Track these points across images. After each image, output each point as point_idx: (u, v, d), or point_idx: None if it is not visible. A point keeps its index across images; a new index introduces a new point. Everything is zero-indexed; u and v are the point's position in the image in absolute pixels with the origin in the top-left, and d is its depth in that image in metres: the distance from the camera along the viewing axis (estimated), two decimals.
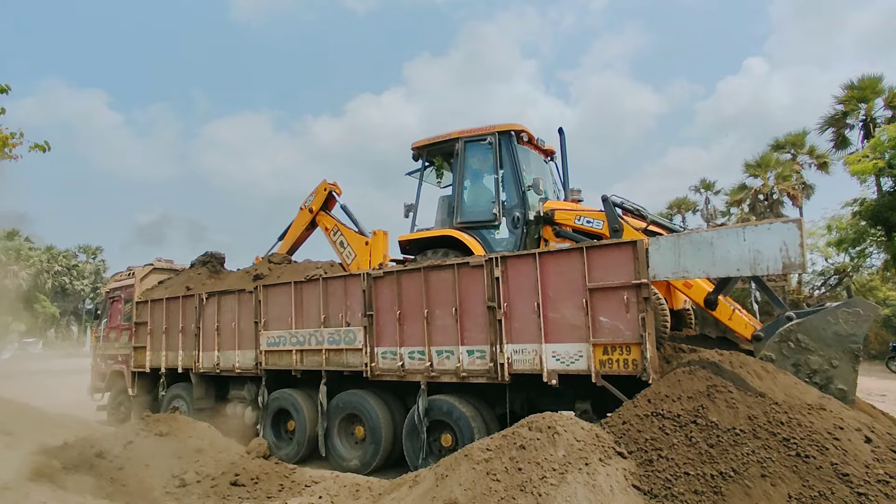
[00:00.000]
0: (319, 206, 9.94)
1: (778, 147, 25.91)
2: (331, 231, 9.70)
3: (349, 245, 9.20)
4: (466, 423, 6.16)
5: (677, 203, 30.59)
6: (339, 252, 9.41)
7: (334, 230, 9.61)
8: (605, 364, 5.34)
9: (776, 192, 25.63)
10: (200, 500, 5.83)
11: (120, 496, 5.53)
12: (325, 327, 7.49)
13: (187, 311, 9.43)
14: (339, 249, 9.44)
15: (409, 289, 6.76)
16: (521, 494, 3.76)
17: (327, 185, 9.90)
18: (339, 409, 7.40)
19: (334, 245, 9.55)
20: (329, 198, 9.94)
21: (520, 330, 5.88)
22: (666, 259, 5.08)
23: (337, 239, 9.48)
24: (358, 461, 7.06)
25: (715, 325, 6.79)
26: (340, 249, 9.38)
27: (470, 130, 7.72)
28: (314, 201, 10.02)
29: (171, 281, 10.94)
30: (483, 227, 7.40)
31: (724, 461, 3.83)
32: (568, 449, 4.05)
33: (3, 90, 7.81)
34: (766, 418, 4.06)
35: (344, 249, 9.29)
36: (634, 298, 5.22)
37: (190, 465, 6.46)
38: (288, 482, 6.22)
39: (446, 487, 4.11)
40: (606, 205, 6.46)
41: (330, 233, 9.71)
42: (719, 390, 4.32)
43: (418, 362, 6.59)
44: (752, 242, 4.62)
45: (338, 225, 9.61)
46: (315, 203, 9.99)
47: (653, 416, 4.35)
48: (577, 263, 5.57)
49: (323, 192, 9.91)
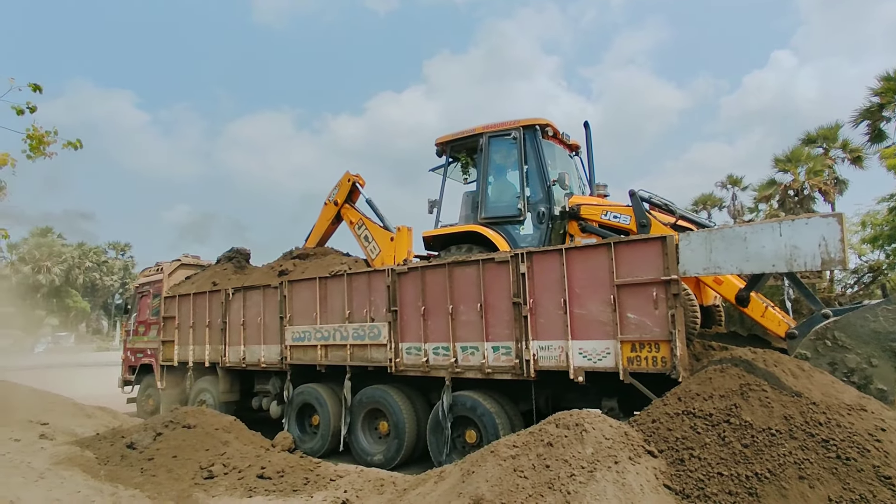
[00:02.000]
0: (344, 198, 9.93)
1: (809, 141, 25.14)
2: (355, 225, 9.69)
3: (374, 240, 9.18)
4: (491, 419, 6.13)
5: (703, 199, 29.94)
6: (364, 246, 9.40)
7: (359, 224, 9.60)
8: (633, 361, 5.25)
9: (807, 187, 24.90)
10: (227, 491, 5.91)
11: (150, 486, 5.63)
12: (350, 322, 7.53)
13: (214, 306, 9.57)
14: (363, 244, 9.43)
15: (433, 284, 6.74)
16: (549, 492, 3.71)
17: (350, 177, 9.89)
18: (363, 404, 7.44)
19: (359, 239, 9.54)
20: (353, 189, 9.92)
21: (546, 326, 5.81)
22: (697, 255, 4.97)
23: (361, 233, 9.47)
24: (382, 456, 7.08)
25: (743, 322, 6.64)
26: (365, 244, 9.37)
27: (494, 125, 7.66)
28: (338, 193, 10.02)
29: (198, 276, 11.12)
30: (508, 223, 7.34)
31: (759, 462, 3.73)
32: (596, 447, 3.99)
33: (37, 89, 8.02)
34: (804, 418, 3.94)
35: (368, 244, 9.27)
36: (663, 295, 5.11)
37: (217, 458, 6.56)
38: (313, 476, 6.27)
39: (472, 483, 4.08)
40: (634, 199, 6.34)
41: (354, 226, 9.70)
42: (753, 389, 4.21)
43: (443, 358, 6.57)
44: (789, 237, 4.48)
45: (362, 219, 9.58)
46: (339, 195, 9.98)
47: (683, 415, 4.25)
48: (604, 259, 5.47)
49: (347, 183, 9.90)
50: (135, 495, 5.10)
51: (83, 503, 4.59)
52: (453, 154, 8.36)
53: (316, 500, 5.57)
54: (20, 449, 5.96)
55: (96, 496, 4.80)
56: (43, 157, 8.28)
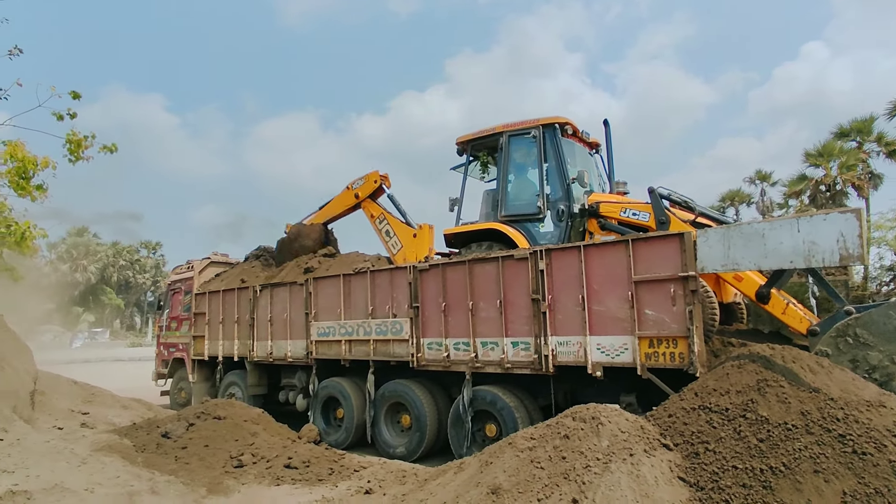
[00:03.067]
0: (367, 193, 9.97)
1: (842, 134, 24.44)
2: (376, 218, 9.78)
3: (396, 235, 9.28)
4: (510, 413, 6.24)
5: (730, 195, 29.35)
6: (385, 241, 9.50)
7: (380, 218, 9.69)
8: (650, 357, 5.30)
9: (840, 182, 24.23)
10: (256, 479, 6.15)
11: (184, 473, 5.91)
12: (373, 318, 7.72)
13: (242, 303, 9.89)
14: (384, 238, 9.53)
15: (454, 281, 6.88)
16: (564, 482, 3.82)
17: (378, 178, 9.89)
18: (385, 398, 7.62)
19: (379, 233, 9.64)
20: (378, 188, 9.97)
21: (564, 322, 5.90)
22: (715, 251, 4.99)
23: (383, 227, 9.57)
24: (404, 448, 7.26)
25: (770, 320, 6.59)
26: (386, 238, 9.47)
27: (514, 124, 7.75)
28: (363, 187, 10.02)
29: (227, 274, 11.48)
30: (527, 221, 7.43)
31: (774, 456, 3.76)
32: (612, 439, 4.07)
33: (76, 96, 8.43)
34: (821, 414, 3.95)
35: (390, 239, 9.38)
36: (681, 291, 5.14)
37: (246, 448, 6.82)
38: (337, 466, 6.48)
39: (490, 473, 4.21)
40: (653, 197, 6.36)
41: (375, 220, 9.80)
42: (770, 384, 4.23)
43: (463, 353, 6.71)
44: (807, 233, 4.48)
45: (384, 213, 9.67)
46: (363, 190, 10.01)
47: (700, 410, 4.30)
48: (622, 256, 5.53)
49: (373, 183, 9.91)
50: (170, 481, 5.37)
51: (122, 487, 4.86)
52: (474, 153, 8.48)
53: (340, 489, 5.77)
54: (63, 436, 6.30)
55: (134, 481, 5.08)
56: (82, 161, 8.71)
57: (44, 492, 4.25)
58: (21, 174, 8.50)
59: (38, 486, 4.28)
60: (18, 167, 8.43)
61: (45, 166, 8.67)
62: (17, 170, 8.43)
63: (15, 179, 8.54)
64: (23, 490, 4.14)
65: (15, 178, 8.52)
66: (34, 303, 11.48)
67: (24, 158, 8.48)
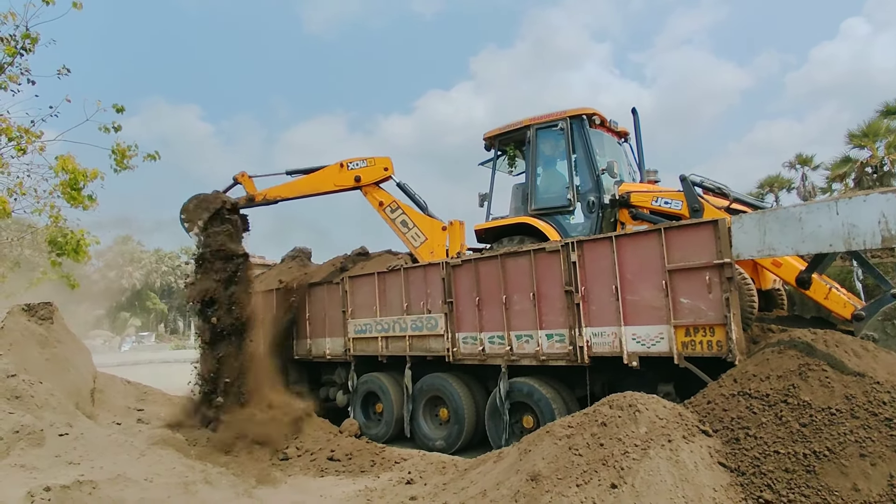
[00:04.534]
0: (372, 180, 9.17)
1: (888, 113, 23.30)
2: (386, 206, 9.06)
3: (416, 226, 8.76)
4: (547, 404, 6.29)
5: (769, 181, 28.34)
6: (402, 232, 8.91)
7: (392, 206, 9.03)
8: (687, 346, 5.27)
9: (887, 163, 23.18)
10: (302, 471, 6.40)
11: (234, 465, 6.19)
12: (408, 314, 7.87)
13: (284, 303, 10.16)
14: (399, 229, 8.94)
15: (486, 276, 6.96)
16: (603, 468, 3.86)
17: (389, 165, 9.17)
18: (423, 392, 7.77)
19: (392, 223, 9.02)
20: (383, 178, 9.24)
21: (598, 313, 5.91)
22: (750, 237, 4.93)
23: (396, 217, 8.95)
24: (443, 441, 7.39)
25: (812, 306, 6.45)
26: (403, 229, 8.88)
27: (541, 117, 7.76)
28: (366, 171, 9.15)
29: (265, 275, 11.82)
30: (558, 213, 7.44)
31: (817, 440, 3.72)
32: (650, 426, 4.09)
33: (120, 110, 8.86)
34: (867, 398, 3.88)
35: (409, 230, 8.82)
36: (717, 279, 5.10)
37: (291, 442, 7.08)
38: (379, 459, 6.67)
39: (529, 461, 4.28)
40: (685, 184, 6.30)
41: (384, 208, 9.07)
42: (812, 369, 4.17)
43: (498, 346, 6.78)
44: (847, 216, 4.38)
45: (397, 202, 9.04)
46: (367, 174, 9.14)
47: (739, 396, 4.27)
48: (655, 245, 5.51)
49: (383, 171, 9.13)
50: (222, 472, 5.64)
51: (179, 478, 5.13)
52: (501, 147, 8.51)
53: (382, 479, 5.95)
54: (122, 431, 6.67)
55: (189, 472, 5.35)
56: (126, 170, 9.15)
57: (108, 482, 4.53)
58: (73, 185, 9.00)
59: (103, 477, 4.57)
60: (70, 179, 8.92)
61: (94, 177, 9.15)
62: (69, 182, 8.93)
63: (67, 191, 9.04)
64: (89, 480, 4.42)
65: (67, 189, 9.03)
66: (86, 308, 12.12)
67: (75, 170, 8.96)
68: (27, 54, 8.77)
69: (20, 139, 8.92)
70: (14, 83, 8.69)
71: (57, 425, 5.12)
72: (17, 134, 8.85)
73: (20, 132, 8.89)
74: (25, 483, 4.07)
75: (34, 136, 9.05)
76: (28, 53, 8.78)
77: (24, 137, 8.98)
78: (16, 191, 9.52)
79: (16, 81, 8.71)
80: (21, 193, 9.74)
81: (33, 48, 8.75)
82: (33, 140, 9.06)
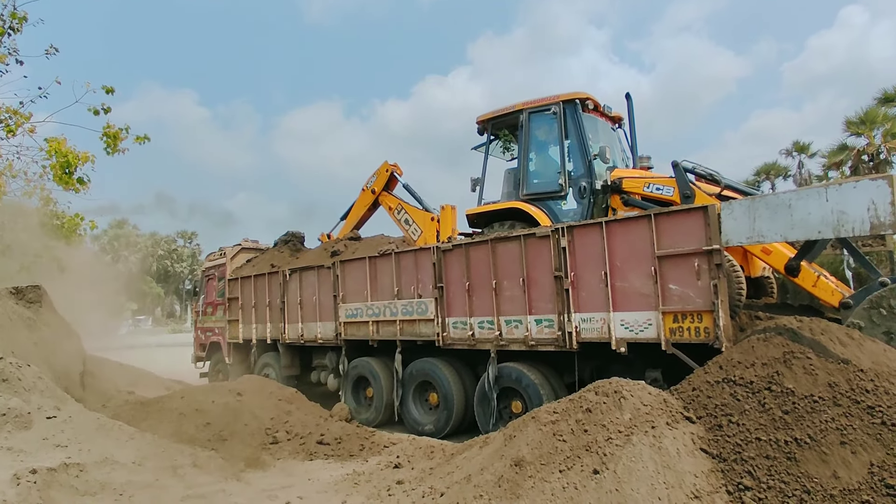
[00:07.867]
0: (381, 186, 10.25)
1: (886, 100, 23.18)
2: (394, 210, 10.02)
3: (414, 222, 9.49)
4: (535, 390, 6.31)
5: (765, 169, 28.27)
6: (405, 230, 9.71)
7: (398, 209, 9.93)
8: (675, 332, 5.27)
9: (884, 150, 23.12)
10: (291, 455, 6.42)
11: (224, 449, 6.20)
12: (399, 299, 7.86)
13: (273, 287, 10.17)
14: (404, 227, 9.74)
15: (477, 261, 6.93)
16: (586, 454, 3.88)
17: (388, 167, 10.19)
18: (413, 377, 7.79)
19: (399, 223, 9.86)
20: (391, 178, 10.23)
21: (587, 299, 5.90)
22: (740, 224, 4.90)
23: (401, 217, 9.80)
24: (432, 426, 7.43)
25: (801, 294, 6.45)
26: (406, 227, 9.68)
27: (534, 101, 7.67)
28: (376, 182, 10.31)
29: (258, 259, 11.78)
30: (549, 198, 7.40)
31: (799, 428, 3.73)
32: (634, 412, 4.10)
33: (110, 91, 8.73)
34: (850, 385, 3.89)
35: (409, 227, 9.58)
36: (706, 265, 5.08)
37: (281, 426, 7.10)
38: (368, 443, 6.70)
39: (514, 447, 4.30)
40: (677, 171, 6.25)
41: (393, 211, 10.04)
42: (797, 357, 4.17)
43: (488, 331, 6.78)
44: (836, 202, 4.35)
45: (401, 203, 9.88)
46: (377, 184, 10.29)
47: (724, 383, 4.28)
48: (644, 231, 5.48)
49: (385, 173, 10.20)
50: (211, 455, 5.66)
51: (167, 461, 5.15)
52: (494, 131, 8.43)
53: (371, 464, 5.98)
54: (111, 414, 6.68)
55: (178, 456, 5.37)
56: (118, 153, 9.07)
57: (95, 464, 4.54)
58: (64, 168, 8.91)
59: (91, 460, 4.58)
60: (62, 162, 8.82)
61: (86, 160, 9.05)
62: (60, 164, 8.84)
63: (59, 174, 8.95)
64: (76, 463, 4.43)
65: (59, 172, 8.94)
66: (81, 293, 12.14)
67: (67, 153, 8.87)
68: (14, 34, 8.62)
69: (9, 120, 8.81)
70: (1, 63, 8.56)
71: (44, 408, 5.12)
72: (6, 115, 8.74)
73: (9, 113, 8.77)
74: (11, 465, 4.07)
75: (23, 118, 8.93)
76: (16, 33, 8.62)
77: (14, 119, 8.87)
78: (6, 173, 9.44)
79: (3, 62, 8.57)
80: (11, 176, 9.65)
81: (21, 28, 8.60)
82: (23, 122, 8.96)
